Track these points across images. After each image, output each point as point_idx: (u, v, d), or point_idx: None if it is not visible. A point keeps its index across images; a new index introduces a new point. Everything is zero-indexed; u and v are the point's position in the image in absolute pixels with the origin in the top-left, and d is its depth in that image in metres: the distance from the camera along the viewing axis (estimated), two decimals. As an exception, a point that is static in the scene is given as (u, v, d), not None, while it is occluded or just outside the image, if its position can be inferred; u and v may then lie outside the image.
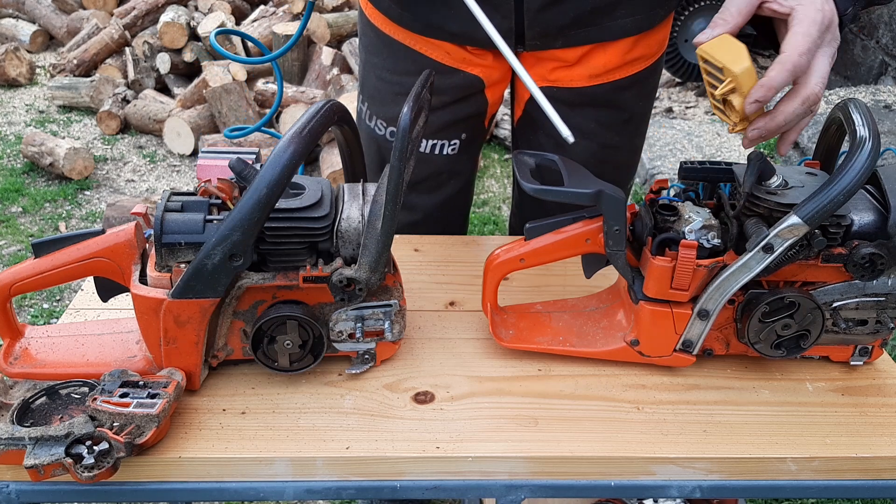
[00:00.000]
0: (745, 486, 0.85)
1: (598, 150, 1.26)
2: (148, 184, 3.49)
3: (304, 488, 0.82)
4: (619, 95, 1.23)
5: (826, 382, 0.94)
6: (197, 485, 0.82)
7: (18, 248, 2.95)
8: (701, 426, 0.86)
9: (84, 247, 0.85)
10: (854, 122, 0.82)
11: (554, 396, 0.90)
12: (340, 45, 4.05)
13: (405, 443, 0.83)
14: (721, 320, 0.90)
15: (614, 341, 0.94)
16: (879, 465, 0.84)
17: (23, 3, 4.94)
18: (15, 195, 3.29)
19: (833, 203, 0.78)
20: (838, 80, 4.11)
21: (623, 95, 1.23)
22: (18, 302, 2.61)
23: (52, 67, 4.34)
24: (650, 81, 1.26)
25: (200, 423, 0.84)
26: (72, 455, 0.74)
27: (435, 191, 1.32)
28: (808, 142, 3.26)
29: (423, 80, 0.87)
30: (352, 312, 0.88)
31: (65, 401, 0.84)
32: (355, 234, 0.86)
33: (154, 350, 0.85)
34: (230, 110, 3.57)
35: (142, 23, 4.31)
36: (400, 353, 0.96)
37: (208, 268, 0.79)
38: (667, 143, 3.55)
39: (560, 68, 1.18)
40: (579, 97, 1.21)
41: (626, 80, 1.22)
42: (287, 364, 0.88)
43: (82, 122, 4.03)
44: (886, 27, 3.76)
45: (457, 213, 1.41)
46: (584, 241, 0.90)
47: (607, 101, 1.23)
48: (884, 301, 0.89)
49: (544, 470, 0.83)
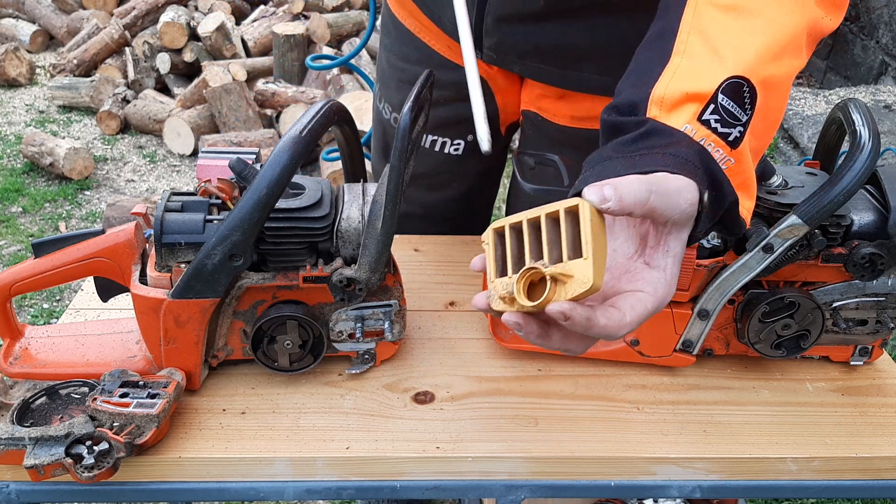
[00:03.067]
0: (745, 486, 0.85)
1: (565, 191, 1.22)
2: (148, 184, 3.49)
3: (304, 488, 0.82)
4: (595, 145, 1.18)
5: (826, 382, 0.94)
6: (197, 485, 0.82)
7: (18, 248, 2.95)
8: (701, 426, 0.86)
9: (84, 247, 0.85)
10: (854, 122, 0.82)
11: (554, 396, 0.90)
12: (340, 45, 4.05)
13: (405, 443, 0.83)
14: (721, 320, 0.90)
15: (614, 341, 0.94)
16: (879, 465, 0.84)
17: (23, 3, 4.93)
18: (15, 195, 3.29)
19: (833, 203, 0.78)
20: (838, 80, 4.11)
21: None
22: (18, 302, 2.61)
23: (52, 67, 4.34)
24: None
25: (200, 423, 0.84)
26: (72, 455, 0.74)
27: (435, 189, 1.30)
28: (808, 142, 3.26)
29: (423, 80, 0.87)
30: (352, 312, 0.88)
31: (65, 401, 0.84)
32: (355, 234, 0.86)
33: (154, 350, 0.85)
34: (230, 110, 3.57)
35: (142, 23, 4.31)
36: (400, 353, 0.96)
37: (208, 268, 0.79)
38: (667, 143, 3.54)
39: (545, 97, 1.13)
40: (560, 134, 1.15)
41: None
42: (287, 364, 0.88)
43: (82, 122, 4.03)
44: (886, 27, 3.76)
45: (462, 217, 1.36)
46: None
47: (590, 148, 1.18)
48: (884, 301, 0.89)
49: (544, 470, 0.83)
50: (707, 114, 0.67)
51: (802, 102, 3.51)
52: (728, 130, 0.67)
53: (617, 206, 0.58)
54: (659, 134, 0.67)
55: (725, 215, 0.68)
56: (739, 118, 0.67)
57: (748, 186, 0.70)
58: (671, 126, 0.67)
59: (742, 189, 0.68)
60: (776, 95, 0.70)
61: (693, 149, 0.65)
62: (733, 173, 0.67)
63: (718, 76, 0.67)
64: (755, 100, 0.68)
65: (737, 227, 0.70)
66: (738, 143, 0.67)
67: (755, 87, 0.67)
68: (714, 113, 0.67)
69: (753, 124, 0.68)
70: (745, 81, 0.67)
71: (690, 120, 0.67)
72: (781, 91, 0.71)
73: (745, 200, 0.69)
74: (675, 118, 0.67)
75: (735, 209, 0.68)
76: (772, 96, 0.69)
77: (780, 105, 0.72)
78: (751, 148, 0.69)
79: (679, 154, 0.65)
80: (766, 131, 0.72)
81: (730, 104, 0.67)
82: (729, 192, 0.66)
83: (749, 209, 0.70)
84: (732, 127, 0.67)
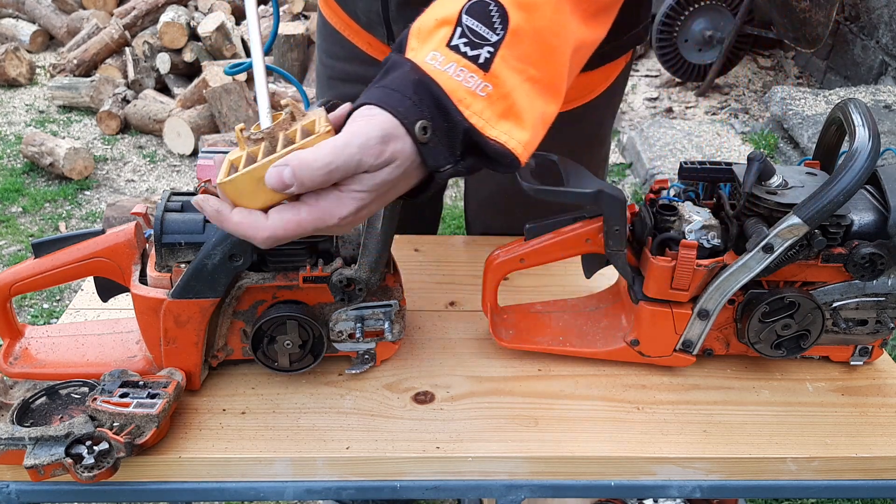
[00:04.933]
0: (745, 486, 0.85)
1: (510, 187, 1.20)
2: (148, 184, 3.49)
3: (304, 488, 0.82)
4: None
5: (826, 382, 0.94)
6: (197, 485, 0.82)
7: (18, 248, 2.95)
8: (701, 426, 0.86)
9: (84, 247, 0.85)
10: (854, 122, 0.82)
11: (554, 396, 0.90)
12: (340, 45, 4.04)
13: (405, 443, 0.83)
14: (721, 320, 0.90)
15: (614, 341, 0.94)
16: (879, 465, 0.84)
17: (23, 3, 4.93)
18: (15, 195, 3.29)
19: (833, 203, 0.78)
20: (838, 80, 4.11)
21: None
22: (18, 302, 2.61)
23: (52, 67, 4.34)
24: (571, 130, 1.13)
25: (200, 423, 0.84)
26: (72, 455, 0.74)
27: None
28: (808, 142, 3.26)
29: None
30: (352, 312, 0.88)
31: (65, 401, 0.84)
32: (355, 234, 0.86)
33: (154, 350, 0.85)
34: (230, 110, 3.57)
35: (142, 23, 4.31)
36: (400, 353, 0.96)
37: (208, 268, 0.79)
38: (667, 143, 3.55)
39: None
40: None
41: None
42: (287, 364, 0.88)
43: (82, 122, 4.03)
44: (886, 27, 3.76)
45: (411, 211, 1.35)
46: (584, 241, 0.90)
47: None
48: (884, 301, 0.89)
49: (544, 470, 0.83)
50: (456, 38, 0.65)
51: (802, 102, 3.51)
52: (476, 52, 0.65)
53: (298, 189, 0.63)
54: (394, 67, 0.66)
55: (474, 146, 0.66)
56: (488, 38, 0.65)
57: (517, 115, 0.67)
58: (406, 58, 0.66)
59: (508, 117, 0.66)
60: (542, 16, 0.67)
61: (410, 79, 0.64)
62: (493, 100, 0.65)
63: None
64: (506, 19, 0.65)
65: (501, 159, 0.67)
66: (490, 64, 0.64)
67: (503, 5, 0.65)
68: (462, 36, 0.65)
69: (522, 48, 0.66)
70: (493, 1, 0.65)
71: (439, 46, 0.65)
72: (546, 12, 0.67)
73: (516, 131, 0.67)
74: (426, 47, 0.66)
75: (480, 138, 0.65)
76: (537, 17, 0.66)
77: (556, 28, 0.68)
78: (531, 77, 0.67)
79: (390, 85, 0.65)
80: (547, 57, 0.68)
81: (475, 24, 0.65)
82: (459, 120, 0.64)
83: (522, 141, 0.67)
84: (480, 48, 0.65)
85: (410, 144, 0.65)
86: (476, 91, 0.65)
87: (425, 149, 0.65)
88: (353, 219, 0.67)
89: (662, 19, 4.21)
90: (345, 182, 0.65)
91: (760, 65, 4.65)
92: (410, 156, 0.65)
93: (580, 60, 0.76)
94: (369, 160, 0.64)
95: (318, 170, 0.62)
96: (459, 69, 0.65)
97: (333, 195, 0.65)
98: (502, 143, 0.66)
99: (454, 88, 0.64)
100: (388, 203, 0.70)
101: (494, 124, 0.66)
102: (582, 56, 0.76)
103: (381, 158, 0.64)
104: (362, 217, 0.68)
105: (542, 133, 0.70)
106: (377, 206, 0.68)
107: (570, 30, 0.69)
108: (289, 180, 0.62)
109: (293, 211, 0.65)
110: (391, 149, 0.64)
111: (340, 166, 0.63)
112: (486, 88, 0.65)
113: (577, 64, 0.75)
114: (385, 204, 0.69)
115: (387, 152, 0.64)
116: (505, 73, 0.65)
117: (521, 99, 0.67)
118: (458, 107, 0.64)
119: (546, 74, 0.68)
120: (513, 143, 0.66)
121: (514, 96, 0.66)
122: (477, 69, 0.65)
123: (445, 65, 0.65)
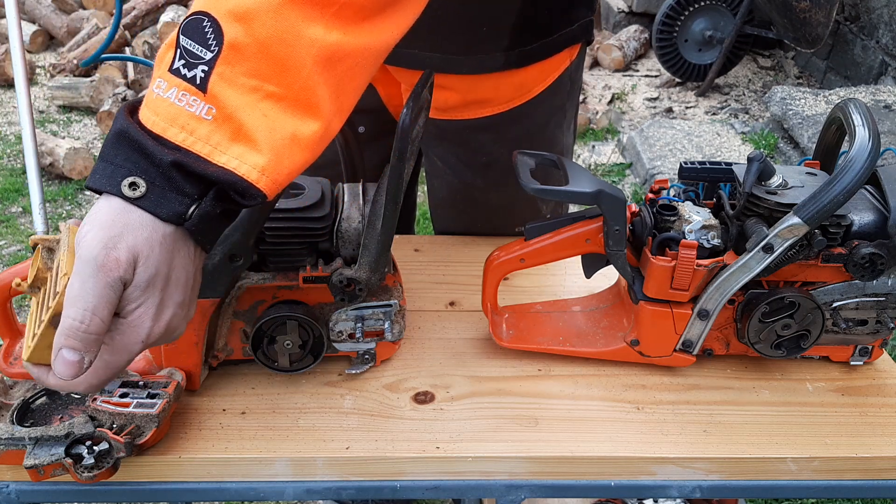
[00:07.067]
0: (745, 486, 0.85)
1: (461, 187, 1.21)
2: (148, 184, 3.49)
3: (304, 488, 0.82)
4: (473, 136, 1.14)
5: (826, 382, 0.94)
6: (197, 485, 0.82)
7: (18, 248, 2.95)
8: (701, 426, 0.86)
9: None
10: (854, 123, 0.82)
11: (554, 396, 0.90)
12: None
13: (405, 443, 0.83)
14: (721, 320, 0.90)
15: (614, 341, 0.94)
16: (879, 465, 0.84)
17: (23, 3, 4.93)
18: (15, 195, 3.29)
19: (833, 203, 0.78)
20: (838, 80, 4.11)
21: (477, 137, 1.14)
22: (18, 302, 2.61)
23: (52, 67, 4.34)
24: (513, 129, 1.14)
25: (200, 423, 0.84)
26: (72, 455, 0.74)
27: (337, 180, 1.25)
28: (808, 142, 3.26)
29: (423, 80, 0.87)
30: (352, 312, 0.88)
31: (65, 401, 0.84)
32: (355, 234, 0.86)
33: (154, 350, 0.85)
34: (230, 110, 3.57)
35: (142, 23, 4.31)
36: (400, 353, 0.96)
37: (208, 268, 0.79)
38: (667, 143, 3.55)
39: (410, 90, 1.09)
40: (435, 129, 1.14)
41: (477, 122, 1.12)
42: (287, 364, 0.88)
43: (82, 122, 4.03)
44: (886, 27, 3.76)
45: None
46: (585, 241, 0.90)
47: (462, 140, 1.15)
48: (884, 301, 0.89)
49: (544, 470, 0.83)
50: (177, 61, 0.61)
51: (802, 102, 3.51)
52: (193, 73, 0.60)
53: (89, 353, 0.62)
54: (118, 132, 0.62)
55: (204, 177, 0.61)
56: (202, 56, 0.61)
57: (247, 137, 0.61)
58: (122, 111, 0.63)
59: (238, 140, 0.61)
60: (262, 26, 0.61)
61: (112, 134, 0.61)
62: (219, 123, 0.61)
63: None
64: (220, 33, 0.60)
65: (233, 187, 0.61)
66: (206, 84, 0.60)
67: (216, 18, 0.61)
68: (181, 58, 0.61)
69: (249, 64, 0.61)
70: (206, 16, 0.61)
71: (163, 73, 0.61)
72: (266, 21, 0.61)
73: (250, 154, 0.61)
74: (155, 75, 0.62)
75: (209, 166, 0.60)
76: (257, 27, 0.61)
77: (284, 37, 0.62)
78: (271, 94, 0.62)
79: (102, 155, 0.61)
80: (283, 71, 0.62)
81: (190, 44, 0.61)
82: (161, 155, 0.60)
83: (258, 166, 0.61)
84: (195, 68, 0.60)
85: (137, 215, 0.60)
86: (201, 115, 0.60)
87: (147, 202, 0.60)
88: (163, 329, 0.64)
89: (662, 19, 4.21)
90: (119, 308, 0.62)
91: (760, 65, 4.65)
92: (146, 225, 0.61)
93: (360, 69, 0.68)
94: (114, 276, 0.60)
95: (81, 327, 0.59)
96: (181, 93, 0.60)
97: (120, 327, 0.63)
98: (231, 170, 0.61)
99: (174, 115, 0.60)
100: (191, 282, 0.66)
101: (225, 149, 0.61)
102: (361, 65, 0.67)
103: (122, 264, 0.60)
104: (174, 321, 0.65)
105: (301, 155, 0.64)
106: (178, 296, 0.65)
107: (307, 37, 0.62)
108: (74, 358, 0.61)
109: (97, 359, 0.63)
110: (123, 246, 0.60)
111: (98, 307, 0.60)
112: (210, 111, 0.61)
113: (356, 73, 0.67)
114: (187, 286, 0.66)
115: (122, 254, 0.60)
116: (226, 92, 0.61)
117: (250, 119, 0.61)
118: (166, 136, 0.60)
119: (289, 90, 0.63)
120: (244, 169, 0.61)
121: (239, 116, 0.61)
122: (196, 91, 0.60)
123: (167, 91, 0.61)
